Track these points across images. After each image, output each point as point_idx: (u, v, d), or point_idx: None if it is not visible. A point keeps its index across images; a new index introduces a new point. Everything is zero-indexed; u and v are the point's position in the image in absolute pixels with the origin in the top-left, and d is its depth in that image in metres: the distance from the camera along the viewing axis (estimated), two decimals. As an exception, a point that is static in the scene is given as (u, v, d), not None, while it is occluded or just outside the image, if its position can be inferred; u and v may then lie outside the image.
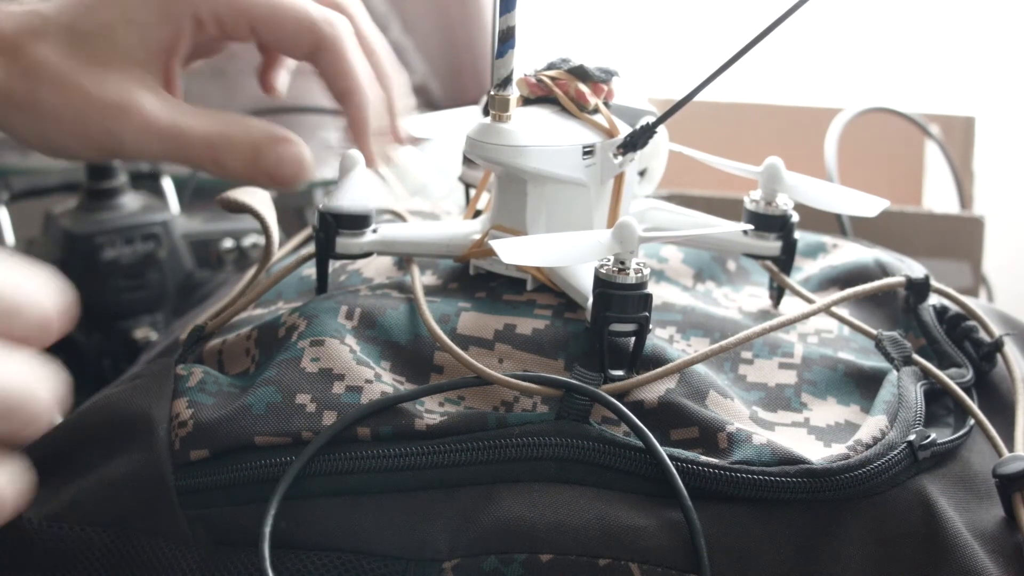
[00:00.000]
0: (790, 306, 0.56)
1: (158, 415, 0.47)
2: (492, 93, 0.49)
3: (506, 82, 0.49)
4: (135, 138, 0.52)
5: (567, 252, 0.47)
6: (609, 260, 0.47)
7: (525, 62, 0.55)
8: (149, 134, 0.52)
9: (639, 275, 0.47)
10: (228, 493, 0.44)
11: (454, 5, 1.22)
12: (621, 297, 0.47)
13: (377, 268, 0.56)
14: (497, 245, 0.46)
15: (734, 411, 0.47)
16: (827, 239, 0.63)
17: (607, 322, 0.47)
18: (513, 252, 0.46)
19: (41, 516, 0.45)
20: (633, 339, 0.48)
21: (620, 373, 0.48)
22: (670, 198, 0.60)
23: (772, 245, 0.54)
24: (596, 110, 0.52)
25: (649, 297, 0.47)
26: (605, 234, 0.47)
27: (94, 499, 0.45)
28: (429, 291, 0.53)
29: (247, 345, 0.51)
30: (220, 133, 0.53)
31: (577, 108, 0.52)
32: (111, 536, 0.44)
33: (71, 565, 0.44)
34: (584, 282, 0.48)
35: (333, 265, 0.54)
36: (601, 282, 0.47)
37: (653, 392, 0.47)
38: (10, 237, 0.83)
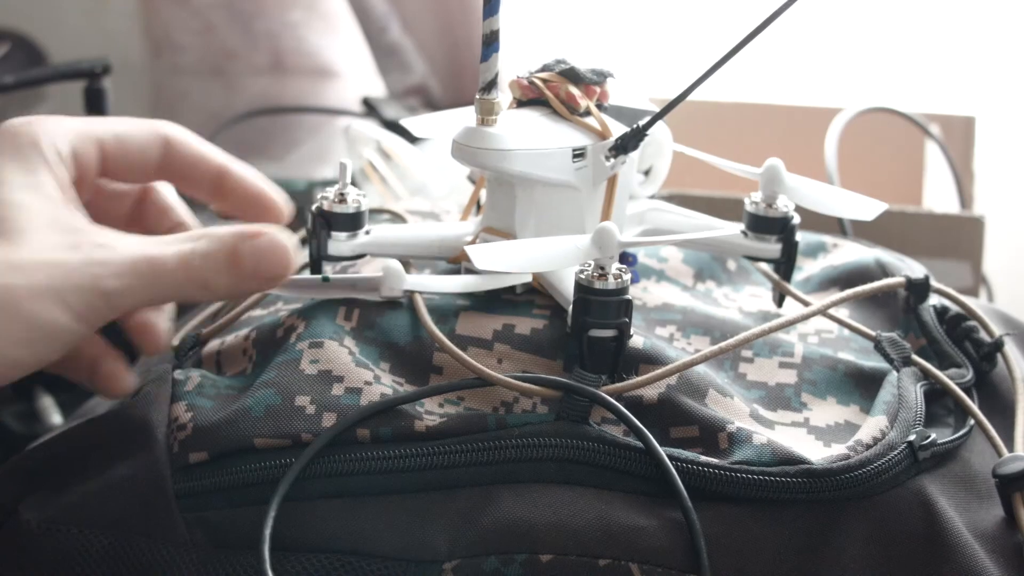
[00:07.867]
0: (791, 306, 0.56)
1: (157, 419, 0.47)
2: (478, 96, 0.49)
3: (491, 85, 0.48)
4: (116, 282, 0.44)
5: (543, 258, 0.47)
6: (589, 265, 0.47)
7: (523, 62, 0.54)
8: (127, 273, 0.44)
9: (619, 280, 0.47)
10: (227, 495, 0.44)
11: (454, 5, 1.22)
12: (600, 303, 0.47)
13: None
14: (472, 251, 0.46)
15: (734, 409, 0.47)
16: (827, 239, 0.63)
17: (586, 327, 0.47)
18: (487, 258, 0.46)
19: (41, 519, 0.45)
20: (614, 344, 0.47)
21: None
22: (671, 198, 0.60)
23: (772, 248, 0.54)
24: (588, 112, 0.52)
25: (629, 303, 0.47)
26: (584, 239, 0.47)
27: (94, 502, 0.45)
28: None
29: (245, 346, 0.51)
30: (191, 249, 0.45)
31: (568, 111, 0.52)
32: (110, 539, 0.44)
33: (70, 568, 0.44)
34: (569, 286, 0.48)
35: (334, 268, 0.54)
36: (580, 287, 0.47)
37: (653, 388, 0.47)
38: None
